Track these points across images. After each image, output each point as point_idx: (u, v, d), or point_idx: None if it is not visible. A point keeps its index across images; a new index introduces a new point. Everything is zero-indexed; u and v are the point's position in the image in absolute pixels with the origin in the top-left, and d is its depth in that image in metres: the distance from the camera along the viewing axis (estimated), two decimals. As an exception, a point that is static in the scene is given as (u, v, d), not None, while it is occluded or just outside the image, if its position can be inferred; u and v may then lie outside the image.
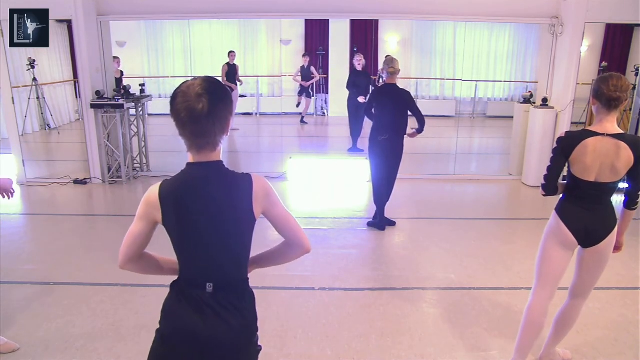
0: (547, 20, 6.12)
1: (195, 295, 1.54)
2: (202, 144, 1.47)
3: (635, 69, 7.29)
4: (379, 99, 4.58)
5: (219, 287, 1.55)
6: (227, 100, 1.49)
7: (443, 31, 11.52)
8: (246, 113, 11.39)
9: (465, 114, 11.99)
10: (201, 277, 1.55)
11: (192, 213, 1.49)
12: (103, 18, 6.21)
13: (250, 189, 1.52)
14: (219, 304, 1.54)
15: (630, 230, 2.63)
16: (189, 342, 1.54)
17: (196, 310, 1.54)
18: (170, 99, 1.45)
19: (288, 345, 2.95)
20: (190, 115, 1.40)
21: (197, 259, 1.56)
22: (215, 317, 1.53)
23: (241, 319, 1.59)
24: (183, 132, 1.45)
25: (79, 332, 3.05)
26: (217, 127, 1.46)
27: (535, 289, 2.53)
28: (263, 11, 6.38)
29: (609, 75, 2.27)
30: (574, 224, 2.36)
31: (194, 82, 1.44)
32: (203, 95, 1.40)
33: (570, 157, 2.30)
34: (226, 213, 1.51)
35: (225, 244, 1.55)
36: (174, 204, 1.49)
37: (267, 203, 1.57)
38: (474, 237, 4.64)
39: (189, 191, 1.49)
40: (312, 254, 4.21)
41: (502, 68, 11.77)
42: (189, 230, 1.51)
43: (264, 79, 11.59)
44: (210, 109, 1.40)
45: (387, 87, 4.55)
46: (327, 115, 11.57)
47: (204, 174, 1.50)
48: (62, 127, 10.23)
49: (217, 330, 1.54)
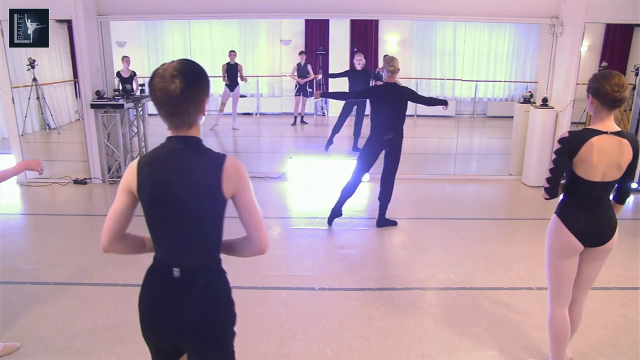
0: (547, 20, 6.12)
1: (164, 279, 1.60)
2: (178, 123, 1.54)
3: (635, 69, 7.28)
4: (380, 98, 4.58)
5: (187, 272, 1.58)
6: (202, 82, 1.54)
7: (443, 31, 11.51)
8: (246, 113, 11.39)
9: (465, 114, 11.99)
10: (170, 259, 1.60)
11: (163, 183, 1.54)
12: (103, 18, 6.21)
13: (222, 166, 1.54)
14: (185, 288, 1.58)
15: (630, 230, 2.63)
16: (157, 324, 1.63)
17: (163, 294, 1.60)
18: (148, 81, 1.52)
19: (288, 345, 2.95)
20: (165, 96, 1.47)
21: (166, 236, 1.60)
22: (181, 302, 1.58)
23: (206, 303, 1.60)
24: (159, 111, 1.52)
25: (79, 332, 3.05)
26: (190, 107, 1.51)
27: (552, 299, 2.50)
28: (263, 11, 6.38)
29: (608, 74, 2.23)
30: (580, 227, 2.33)
31: (171, 64, 1.50)
32: (177, 76, 1.46)
33: (575, 157, 2.25)
34: (195, 187, 1.53)
35: (193, 221, 1.57)
36: (149, 172, 1.55)
37: (238, 186, 1.56)
38: (474, 237, 4.63)
39: (163, 160, 1.56)
40: (312, 254, 4.24)
41: (502, 68, 11.76)
42: (159, 203, 1.55)
43: (264, 79, 11.58)
44: (184, 89, 1.46)
45: (388, 86, 4.55)
46: (327, 115, 11.56)
47: (179, 147, 1.56)
48: (62, 127, 10.23)
49: (181, 315, 1.58)
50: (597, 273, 2.47)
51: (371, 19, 9.02)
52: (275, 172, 6.65)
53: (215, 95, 11.19)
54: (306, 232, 4.79)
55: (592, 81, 2.26)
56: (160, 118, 1.54)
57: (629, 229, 4.92)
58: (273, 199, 5.83)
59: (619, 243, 4.48)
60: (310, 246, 4.44)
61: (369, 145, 4.67)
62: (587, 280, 2.49)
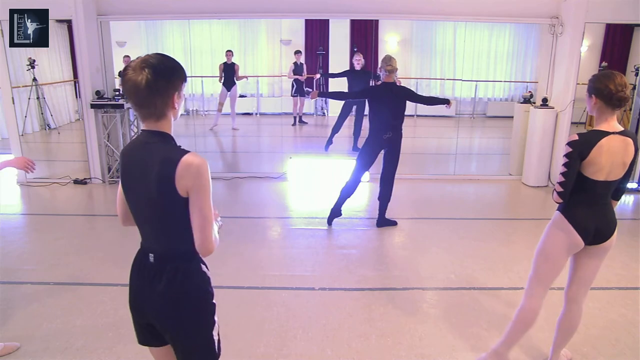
0: (547, 20, 6.12)
1: (142, 263, 1.69)
2: (145, 114, 1.57)
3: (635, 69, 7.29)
4: (378, 98, 4.58)
5: (159, 258, 1.65)
6: (170, 76, 1.56)
7: (443, 31, 11.51)
8: (246, 113, 11.40)
9: (465, 114, 11.99)
10: (146, 245, 1.70)
11: (130, 174, 1.63)
12: (103, 18, 6.21)
13: (177, 163, 1.53)
14: (157, 274, 1.64)
15: (630, 230, 2.64)
16: (136, 303, 1.73)
17: (140, 277, 1.69)
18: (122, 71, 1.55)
19: (288, 345, 2.95)
20: (132, 87, 1.50)
21: (139, 222, 1.70)
22: (152, 286, 1.65)
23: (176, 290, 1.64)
24: (130, 102, 1.58)
25: (79, 332, 3.05)
26: (157, 99, 1.54)
27: (531, 290, 2.51)
28: (263, 11, 6.38)
29: (610, 74, 2.23)
30: (585, 226, 2.33)
31: (144, 56, 1.54)
32: (144, 68, 1.49)
33: (586, 159, 2.24)
34: (151, 183, 1.56)
35: (155, 215, 1.62)
36: (122, 162, 1.66)
37: (191, 184, 1.54)
38: (474, 237, 4.63)
39: (132, 152, 1.64)
40: (312, 254, 4.24)
41: (502, 68, 11.76)
42: (129, 192, 1.66)
43: (264, 79, 11.59)
44: (150, 81, 1.49)
45: (386, 86, 4.55)
46: (327, 115, 11.57)
47: (146, 140, 1.60)
48: (62, 127, 10.23)
49: (153, 299, 1.66)
50: (596, 272, 2.48)
51: (371, 19, 9.02)
52: (275, 172, 6.65)
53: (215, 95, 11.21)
54: (306, 232, 4.79)
55: (595, 82, 2.25)
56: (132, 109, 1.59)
57: (629, 229, 4.92)
58: (273, 199, 5.83)
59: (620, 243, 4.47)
60: (310, 246, 4.44)
61: (368, 145, 4.67)
62: (586, 279, 2.49)
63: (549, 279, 2.48)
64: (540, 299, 2.50)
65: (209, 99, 11.65)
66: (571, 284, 2.53)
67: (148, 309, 1.69)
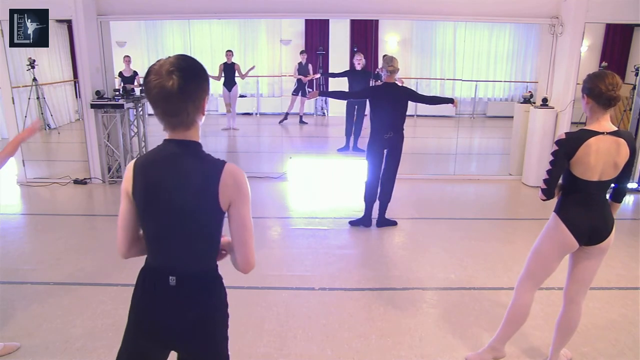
0: (547, 20, 6.12)
1: (160, 286, 1.53)
2: (175, 123, 1.44)
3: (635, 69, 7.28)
4: (379, 98, 4.58)
5: (182, 280, 1.52)
6: (200, 79, 1.43)
7: (443, 31, 11.51)
8: (246, 113, 11.39)
9: (465, 114, 11.99)
10: (164, 267, 1.53)
11: (157, 188, 1.46)
12: (103, 18, 6.21)
13: (219, 174, 1.44)
14: (181, 297, 1.52)
15: (630, 230, 2.64)
16: (152, 331, 1.57)
17: (158, 302, 1.54)
18: (144, 78, 1.42)
19: (288, 345, 2.95)
20: (161, 93, 1.36)
21: (160, 242, 1.53)
22: (176, 310, 1.53)
23: (201, 311, 1.56)
24: (155, 110, 1.42)
25: (79, 332, 3.05)
26: (189, 105, 1.41)
27: (522, 285, 2.56)
28: (263, 11, 6.38)
29: (602, 73, 2.25)
30: (579, 227, 2.34)
31: (167, 59, 1.40)
32: (174, 72, 1.36)
33: (573, 158, 2.26)
34: (190, 196, 1.45)
35: (187, 231, 1.50)
36: (143, 175, 1.47)
37: (235, 196, 1.46)
38: (474, 237, 4.64)
39: (158, 165, 1.47)
40: (312, 254, 4.24)
41: (502, 68, 11.77)
42: (153, 208, 1.48)
43: (264, 79, 11.59)
44: (182, 85, 1.36)
45: (387, 86, 4.55)
46: (327, 115, 11.57)
47: (176, 151, 1.46)
48: (62, 127, 10.23)
49: (177, 323, 1.54)
50: (595, 272, 2.48)
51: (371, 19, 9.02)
52: (275, 172, 6.65)
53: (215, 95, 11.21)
54: (306, 232, 4.79)
55: (587, 81, 2.28)
56: (157, 118, 1.44)
57: (629, 229, 4.92)
58: (273, 199, 5.83)
59: (619, 243, 4.49)
60: (310, 246, 4.44)
61: (371, 145, 4.67)
62: (585, 279, 2.49)
63: (539, 277, 2.51)
64: (530, 294, 2.54)
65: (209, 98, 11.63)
66: (570, 284, 2.53)
67: (173, 336, 1.56)
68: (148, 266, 1.59)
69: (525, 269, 2.55)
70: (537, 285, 2.53)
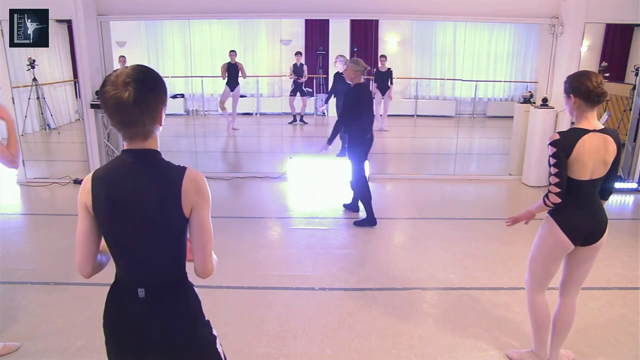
0: (547, 20, 6.12)
1: (128, 299, 1.52)
2: (132, 134, 1.43)
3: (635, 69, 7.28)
4: (360, 99, 4.68)
5: (151, 291, 1.51)
6: (157, 90, 1.43)
7: (443, 31, 11.52)
8: (246, 113, 11.39)
9: (465, 114, 11.99)
10: (133, 279, 1.52)
11: (117, 201, 1.45)
12: (103, 18, 6.21)
13: (180, 181, 1.43)
14: (150, 308, 1.51)
15: (630, 230, 2.64)
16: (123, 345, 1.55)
17: (128, 315, 1.52)
18: (100, 88, 1.42)
19: (288, 345, 2.95)
20: (117, 104, 1.36)
21: (126, 255, 1.52)
22: (147, 323, 1.51)
23: (172, 322, 1.53)
24: (112, 121, 1.42)
25: (79, 332, 3.04)
26: (145, 117, 1.40)
27: (532, 288, 2.59)
28: (263, 11, 6.38)
29: (586, 72, 2.29)
30: (574, 229, 2.35)
31: (124, 70, 1.41)
32: (130, 83, 1.36)
33: (570, 157, 2.26)
34: (152, 206, 1.43)
35: (152, 241, 1.48)
36: (103, 188, 1.46)
37: (195, 201, 1.45)
38: (474, 237, 4.63)
39: (117, 176, 1.46)
40: (312, 254, 4.24)
41: (502, 68, 11.77)
42: (116, 221, 1.47)
43: (264, 79, 11.60)
44: (137, 97, 1.36)
45: (362, 86, 4.72)
46: (327, 115, 11.55)
47: (133, 161, 1.46)
48: (62, 127, 10.23)
49: (149, 336, 1.52)
50: (589, 271, 2.51)
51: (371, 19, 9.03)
52: (275, 172, 6.65)
53: (216, 95, 11.21)
54: (306, 232, 4.79)
55: (572, 81, 2.30)
56: (114, 129, 1.45)
57: (629, 229, 4.92)
58: (273, 199, 5.83)
59: (620, 243, 4.50)
60: (310, 246, 4.44)
61: (357, 147, 4.72)
62: (580, 276, 2.52)
63: (544, 281, 2.54)
64: (540, 296, 2.57)
65: (209, 98, 11.65)
66: (565, 282, 2.57)
67: (146, 349, 1.54)
68: (117, 280, 1.58)
69: (529, 275, 2.59)
70: (543, 287, 2.56)
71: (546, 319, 2.59)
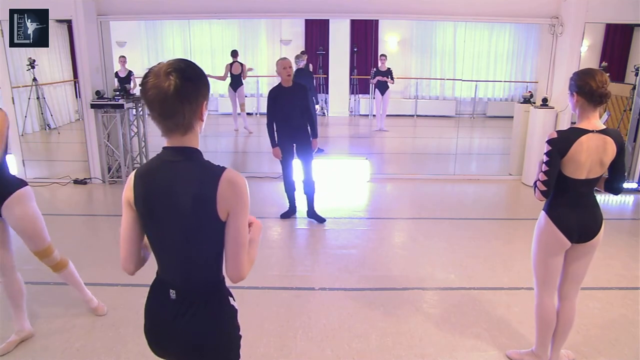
0: (547, 20, 6.12)
1: (162, 298, 1.52)
2: (171, 126, 1.39)
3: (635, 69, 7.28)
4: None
5: (183, 294, 1.49)
6: (198, 81, 1.39)
7: (443, 31, 11.51)
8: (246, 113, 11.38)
9: (465, 114, 11.99)
10: (167, 279, 1.52)
11: (155, 198, 1.42)
12: (103, 18, 6.21)
13: (217, 182, 1.37)
14: (180, 312, 1.49)
15: (630, 230, 2.64)
16: (156, 340, 1.57)
17: (160, 313, 1.53)
18: (142, 79, 1.39)
19: (288, 345, 2.95)
20: (158, 94, 1.32)
21: (162, 252, 1.51)
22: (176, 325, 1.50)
23: (201, 329, 1.50)
24: (152, 113, 1.37)
25: (79, 332, 3.05)
26: (185, 107, 1.35)
27: (540, 290, 2.58)
28: (263, 11, 6.38)
29: (591, 70, 2.25)
30: (569, 225, 2.37)
31: (167, 61, 1.38)
32: (171, 73, 1.32)
33: (565, 157, 2.27)
34: (186, 208, 1.39)
35: (186, 242, 1.44)
36: (143, 185, 1.44)
37: (232, 206, 1.39)
38: (474, 237, 4.63)
39: (156, 173, 1.43)
40: (312, 254, 4.24)
41: (502, 68, 11.77)
42: (153, 218, 1.45)
43: (264, 79, 11.59)
44: (178, 87, 1.32)
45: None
46: (327, 115, 11.58)
47: (172, 159, 1.42)
48: (62, 127, 10.23)
49: (176, 337, 1.51)
50: (586, 269, 2.51)
51: (371, 19, 9.03)
52: (275, 172, 6.64)
53: (216, 95, 11.21)
54: (306, 232, 4.79)
55: (576, 79, 2.27)
56: (154, 122, 1.39)
57: (629, 229, 4.92)
58: (273, 199, 5.82)
59: (620, 243, 4.50)
60: (310, 246, 4.44)
61: (309, 144, 4.98)
62: (576, 276, 2.52)
63: (549, 281, 2.53)
64: (548, 297, 2.56)
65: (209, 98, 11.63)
66: (563, 282, 2.57)
67: (172, 351, 1.55)
68: (157, 277, 1.57)
69: (535, 277, 2.58)
70: (550, 287, 2.55)
71: (552, 321, 2.59)
